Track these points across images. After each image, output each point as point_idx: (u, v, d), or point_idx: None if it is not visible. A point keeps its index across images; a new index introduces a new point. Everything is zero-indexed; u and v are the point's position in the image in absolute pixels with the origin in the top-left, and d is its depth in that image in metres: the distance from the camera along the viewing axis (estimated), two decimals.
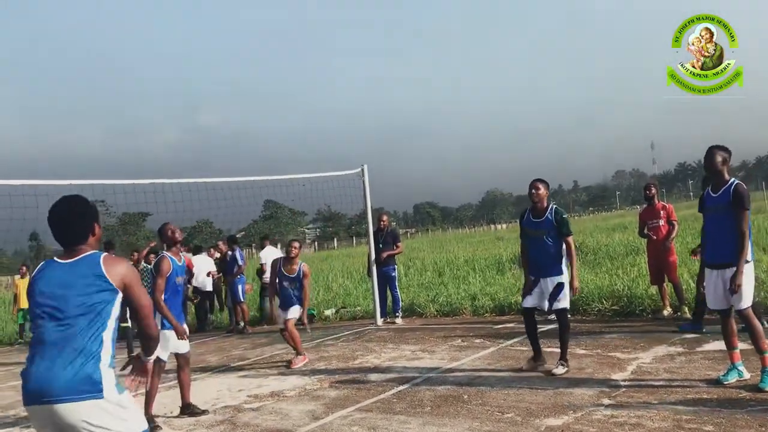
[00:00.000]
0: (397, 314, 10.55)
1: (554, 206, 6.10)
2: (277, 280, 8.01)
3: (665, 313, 8.23)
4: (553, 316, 6.44)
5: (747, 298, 4.90)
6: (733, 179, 5.03)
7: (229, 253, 12.25)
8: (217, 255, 13.24)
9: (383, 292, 10.65)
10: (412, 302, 11.37)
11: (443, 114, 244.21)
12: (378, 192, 11.14)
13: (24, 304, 14.08)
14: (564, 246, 6.08)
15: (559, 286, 6.01)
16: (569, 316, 6.32)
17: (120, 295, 2.81)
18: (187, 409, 5.93)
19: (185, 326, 5.86)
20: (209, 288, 12.89)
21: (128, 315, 10.78)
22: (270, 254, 11.94)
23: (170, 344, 5.73)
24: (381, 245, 10.68)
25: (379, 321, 10.38)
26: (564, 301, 6.04)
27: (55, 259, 2.85)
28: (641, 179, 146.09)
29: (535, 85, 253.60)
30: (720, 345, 5.74)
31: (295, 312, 7.81)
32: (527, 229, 6.19)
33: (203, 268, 12.50)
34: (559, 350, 6.10)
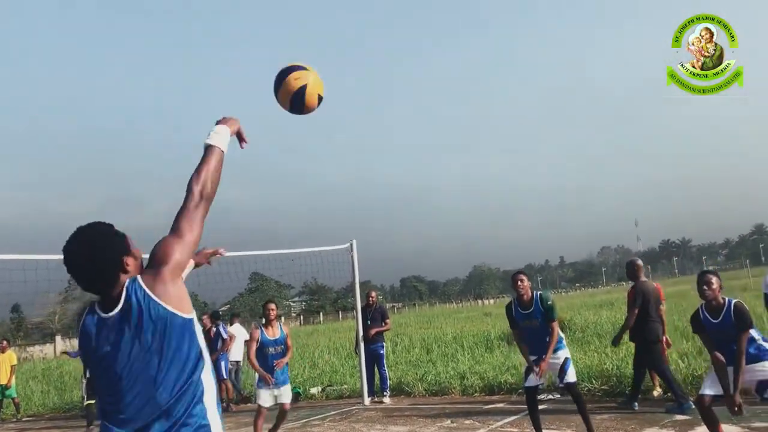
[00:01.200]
0: (385, 393, 10.36)
1: (538, 293, 6.28)
2: (255, 351, 7.36)
3: (655, 393, 8.16)
4: (558, 395, 6.47)
5: None
6: (728, 300, 5.04)
7: (213, 329, 12.08)
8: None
9: (371, 370, 10.49)
10: (400, 380, 11.19)
11: (430, 189, 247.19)
12: (364, 265, 11.13)
13: (3, 380, 13.67)
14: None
15: (566, 361, 6.14)
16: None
17: (184, 317, 2.17)
18: None
19: None
20: None
21: (90, 391, 10.46)
22: (237, 332, 12.36)
23: None
24: (369, 321, 10.61)
25: (367, 400, 10.18)
26: (573, 375, 6.15)
27: (96, 309, 2.19)
28: (626, 255, 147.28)
29: (521, 162, 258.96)
30: None
31: (289, 394, 7.58)
32: (519, 321, 6.33)
33: None
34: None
